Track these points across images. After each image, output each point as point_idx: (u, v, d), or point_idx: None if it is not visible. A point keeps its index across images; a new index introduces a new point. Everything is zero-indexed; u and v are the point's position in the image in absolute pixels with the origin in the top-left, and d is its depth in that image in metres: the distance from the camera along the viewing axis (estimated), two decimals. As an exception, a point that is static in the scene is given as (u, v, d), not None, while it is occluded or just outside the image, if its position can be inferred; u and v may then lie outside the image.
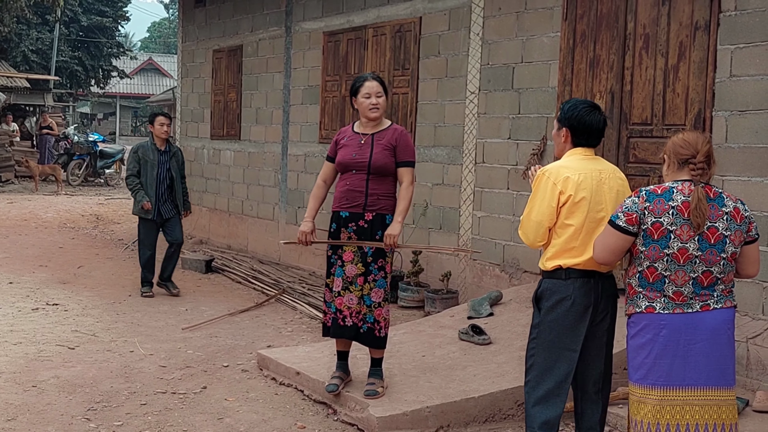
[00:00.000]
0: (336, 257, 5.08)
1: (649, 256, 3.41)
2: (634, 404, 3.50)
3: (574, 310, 3.73)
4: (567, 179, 3.72)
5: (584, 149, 3.87)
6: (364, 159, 5.01)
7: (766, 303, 5.29)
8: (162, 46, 64.44)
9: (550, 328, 3.78)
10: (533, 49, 7.12)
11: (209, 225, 12.46)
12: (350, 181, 5.04)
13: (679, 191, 3.38)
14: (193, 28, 12.99)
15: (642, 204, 3.40)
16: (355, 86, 5.11)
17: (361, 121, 5.16)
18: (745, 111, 5.45)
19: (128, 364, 5.99)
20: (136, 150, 8.43)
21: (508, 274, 7.32)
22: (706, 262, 3.36)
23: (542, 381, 3.80)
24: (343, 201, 5.06)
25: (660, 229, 3.36)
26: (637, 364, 3.47)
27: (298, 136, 10.32)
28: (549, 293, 3.79)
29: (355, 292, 5.02)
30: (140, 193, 8.27)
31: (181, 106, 13.62)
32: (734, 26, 5.52)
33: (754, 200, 5.33)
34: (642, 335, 3.46)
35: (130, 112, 53.93)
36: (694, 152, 3.41)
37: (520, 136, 7.23)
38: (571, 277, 3.72)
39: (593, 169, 3.80)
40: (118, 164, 22.69)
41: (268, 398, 5.33)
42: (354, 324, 5.04)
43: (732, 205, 3.40)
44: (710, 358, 3.39)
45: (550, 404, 3.79)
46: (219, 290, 9.07)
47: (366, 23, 9.10)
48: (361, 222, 5.03)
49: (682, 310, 3.39)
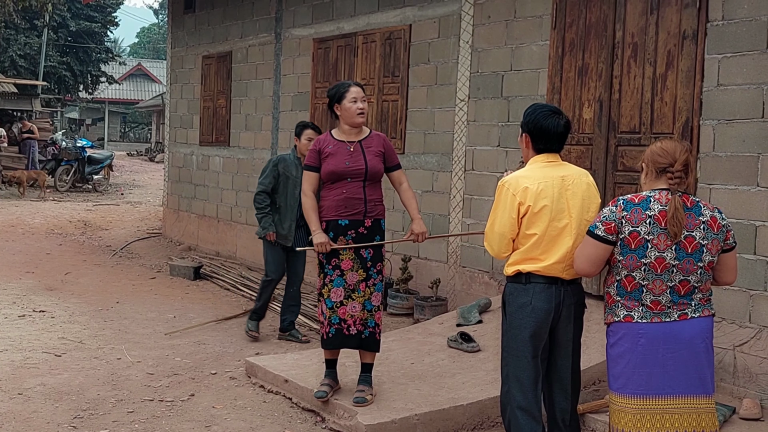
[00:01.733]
0: (332, 267, 5.02)
1: (626, 266, 3.42)
2: (615, 413, 3.50)
3: (534, 316, 3.75)
4: (526, 189, 3.74)
5: (546, 155, 3.86)
6: (359, 166, 5.00)
7: (753, 311, 5.31)
8: (151, 51, 64.33)
9: (514, 335, 3.81)
10: (522, 58, 7.14)
11: (198, 231, 12.42)
12: (347, 189, 4.99)
13: (657, 200, 3.39)
14: (183, 33, 12.98)
15: (620, 213, 3.41)
16: (340, 92, 5.08)
17: (342, 129, 5.12)
18: (733, 120, 5.48)
19: (115, 372, 5.96)
20: (277, 163, 6.95)
21: (497, 282, 7.33)
22: (683, 271, 3.38)
23: (518, 391, 3.82)
24: (341, 209, 5.00)
25: (637, 239, 3.37)
26: (616, 373, 3.48)
27: (288, 143, 10.29)
28: (511, 298, 3.83)
29: (358, 299, 5.01)
30: (267, 219, 6.86)
31: (170, 112, 13.59)
32: (721, 36, 5.55)
33: (742, 209, 5.36)
34: (620, 344, 3.47)
35: (119, 118, 53.79)
36: (671, 161, 3.42)
37: (509, 143, 7.24)
38: (531, 282, 3.74)
39: (554, 176, 3.79)
40: (107, 170, 22.62)
41: (256, 406, 5.31)
42: (358, 332, 5.02)
43: (709, 214, 3.41)
44: (689, 367, 3.40)
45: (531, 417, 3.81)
46: (207, 297, 9.04)
47: (356, 30, 9.11)
48: (361, 229, 5.02)
49: (660, 319, 3.40)
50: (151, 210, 17.43)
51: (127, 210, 17.55)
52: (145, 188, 23.22)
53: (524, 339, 3.78)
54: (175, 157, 13.26)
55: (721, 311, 5.41)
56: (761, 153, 5.29)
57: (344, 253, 4.99)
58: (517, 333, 3.79)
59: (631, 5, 6.19)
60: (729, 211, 5.40)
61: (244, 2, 11.28)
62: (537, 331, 3.76)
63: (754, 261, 5.31)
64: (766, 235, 5.26)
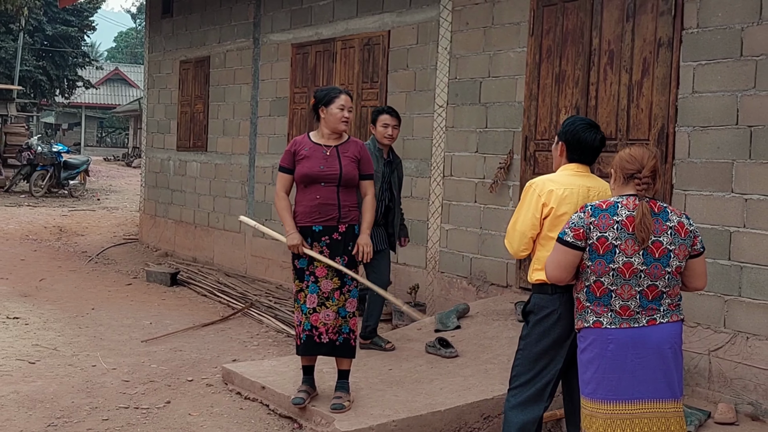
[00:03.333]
0: (308, 273, 5.00)
1: (595, 271, 3.44)
2: (587, 418, 3.53)
3: (560, 324, 3.80)
4: (551, 192, 3.81)
5: (578, 165, 3.94)
6: (334, 171, 4.98)
7: (728, 316, 5.36)
8: (129, 56, 63.98)
9: (537, 340, 3.86)
10: (500, 64, 7.17)
11: (174, 237, 12.35)
12: (321, 194, 4.97)
13: (624, 206, 3.42)
14: (160, 38, 12.92)
15: (587, 219, 3.44)
16: (329, 96, 5.05)
17: (322, 132, 5.11)
18: (707, 126, 5.53)
19: (90, 379, 5.90)
20: None
21: (475, 287, 7.34)
22: (651, 276, 3.40)
23: (524, 390, 3.90)
24: (315, 215, 4.98)
25: (605, 244, 3.39)
26: (587, 378, 3.51)
27: (266, 148, 10.28)
28: (537, 308, 3.86)
29: (332, 308, 4.98)
30: None
31: (147, 116, 13.52)
32: (696, 43, 5.61)
33: (716, 215, 5.41)
34: (590, 350, 3.49)
35: (96, 123, 53.44)
36: (639, 167, 3.45)
37: (488, 149, 7.27)
38: (558, 292, 3.77)
39: (581, 185, 3.86)
40: (83, 175, 22.43)
41: (232, 413, 5.27)
42: (330, 340, 5.00)
43: (676, 220, 3.45)
44: (657, 372, 3.43)
45: (527, 409, 3.89)
46: (184, 303, 8.98)
47: (334, 36, 9.11)
48: (335, 235, 5.00)
49: (629, 324, 3.42)
50: (127, 215, 17.31)
51: (104, 215, 17.41)
52: (121, 193, 23.06)
53: (544, 347, 3.83)
54: (152, 163, 13.19)
55: (696, 316, 5.46)
56: (735, 159, 5.35)
57: (319, 261, 4.98)
58: (540, 338, 3.84)
59: (608, 13, 6.24)
60: (704, 217, 5.45)
61: (222, 7, 11.25)
62: (561, 337, 3.81)
63: (729, 266, 5.35)
64: (740, 240, 5.31)
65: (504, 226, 6.91)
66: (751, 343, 5.22)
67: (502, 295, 7.08)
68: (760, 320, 5.18)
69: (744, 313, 5.27)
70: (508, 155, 7.06)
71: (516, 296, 6.88)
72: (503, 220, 6.99)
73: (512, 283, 7.05)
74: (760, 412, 5.12)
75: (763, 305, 5.17)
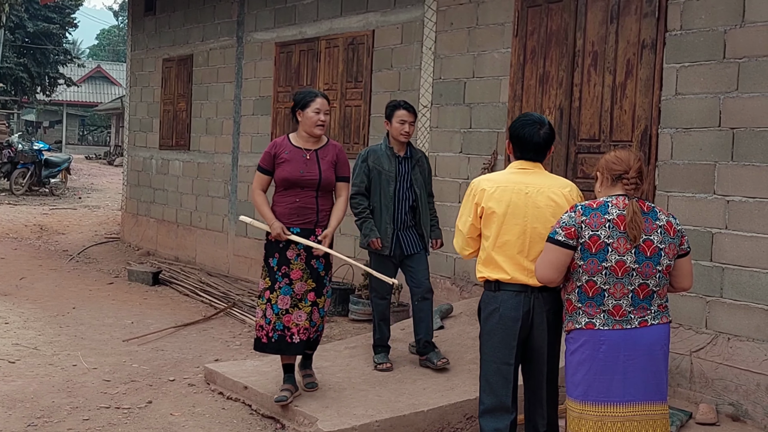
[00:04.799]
0: (282, 275, 5.07)
1: (587, 270, 3.45)
2: (574, 420, 3.52)
3: (502, 323, 3.80)
4: (482, 191, 3.84)
5: (522, 162, 3.92)
6: (313, 176, 5.06)
7: (709, 317, 5.39)
8: (111, 54, 63.60)
9: (485, 340, 3.90)
10: (484, 65, 7.18)
11: (157, 236, 12.28)
12: (300, 198, 5.06)
13: (614, 205, 3.45)
14: (143, 36, 12.84)
15: (579, 218, 3.45)
16: (305, 99, 5.12)
17: (300, 135, 5.18)
18: (690, 128, 5.56)
19: (71, 379, 5.85)
20: (366, 157, 5.87)
21: (458, 287, 7.34)
22: (643, 275, 3.42)
23: (487, 393, 3.91)
24: (293, 217, 5.06)
25: (597, 243, 3.41)
26: (576, 380, 3.50)
27: (249, 147, 10.24)
28: (483, 304, 3.91)
29: (304, 309, 5.07)
30: (368, 223, 5.77)
31: (129, 115, 13.43)
32: (680, 45, 5.64)
33: (698, 216, 5.44)
34: (582, 351, 3.49)
35: (78, 121, 53.04)
36: (626, 168, 3.49)
37: (471, 150, 7.27)
38: (500, 290, 3.80)
39: (518, 182, 3.83)
40: (64, 173, 22.26)
41: (214, 413, 5.25)
42: (301, 340, 5.09)
43: (665, 219, 3.48)
44: (647, 374, 3.45)
45: (496, 416, 3.88)
46: (166, 303, 8.93)
47: (319, 35, 9.09)
48: (312, 238, 5.07)
49: (621, 326, 3.43)
50: (109, 214, 17.20)
51: (85, 214, 17.29)
52: (103, 192, 22.91)
53: (494, 345, 3.85)
54: (134, 161, 13.11)
55: (678, 317, 5.48)
56: (717, 161, 5.38)
57: (295, 263, 5.05)
58: (487, 339, 3.88)
59: (592, 14, 6.26)
60: (686, 219, 5.48)
61: (206, 5, 11.20)
62: (505, 337, 3.80)
63: (711, 268, 5.38)
64: (721, 242, 5.34)
65: (487, 227, 6.94)
66: (732, 344, 5.25)
67: (486, 295, 7.08)
68: (741, 321, 5.21)
69: (725, 314, 5.31)
70: (492, 156, 7.07)
71: (499, 296, 6.87)
72: (487, 221, 6.99)
73: (495, 284, 7.05)
74: (740, 413, 5.15)
75: (744, 306, 5.20)
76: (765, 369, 5.06)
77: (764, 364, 5.06)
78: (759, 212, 5.14)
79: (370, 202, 5.82)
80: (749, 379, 5.13)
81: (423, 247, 5.89)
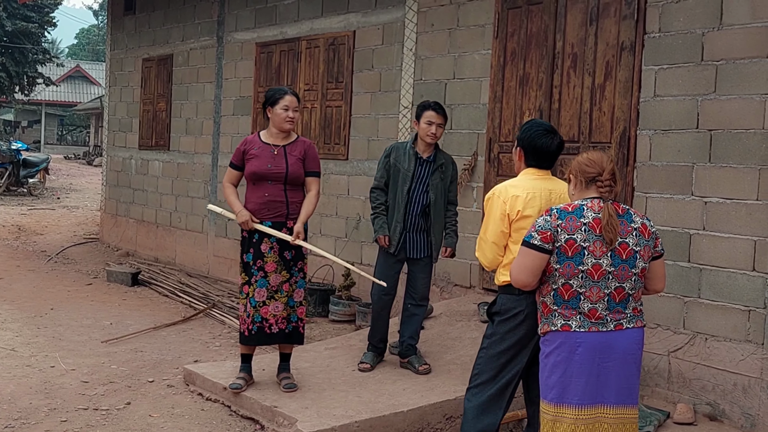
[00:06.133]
0: (257, 268, 5.24)
1: (564, 273, 3.45)
2: (548, 423, 3.52)
3: (526, 324, 3.84)
4: (515, 198, 3.86)
5: (537, 170, 3.99)
6: (280, 170, 5.24)
7: (687, 317, 5.43)
8: (90, 53, 63.14)
9: (502, 339, 3.90)
10: (465, 66, 7.19)
11: (136, 237, 12.21)
12: (269, 192, 5.25)
13: (589, 208, 3.45)
14: (122, 35, 12.76)
15: (554, 221, 3.45)
16: (274, 97, 5.31)
17: (270, 132, 5.38)
18: (669, 130, 5.60)
19: (49, 380, 5.80)
20: (389, 153, 5.78)
21: (439, 288, 7.35)
22: (619, 278, 3.43)
23: (486, 388, 3.94)
24: (264, 211, 5.26)
25: (574, 246, 3.41)
26: (552, 383, 3.50)
27: (229, 148, 10.19)
28: (504, 309, 3.91)
29: (281, 300, 5.28)
30: (380, 219, 5.72)
31: (108, 115, 13.34)
32: (658, 47, 5.68)
33: (677, 217, 5.48)
34: (557, 353, 3.49)
35: (57, 120, 52.61)
36: (600, 170, 3.49)
37: (452, 151, 7.26)
38: (524, 293, 3.79)
39: (543, 188, 3.91)
40: (43, 173, 22.10)
41: (194, 414, 5.22)
42: (280, 330, 5.29)
43: (640, 221, 3.49)
44: (621, 377, 3.46)
45: (488, 412, 3.93)
46: (145, 304, 8.88)
47: (299, 35, 9.07)
48: (283, 230, 5.24)
49: (598, 328, 3.44)
50: (88, 215, 17.07)
51: (64, 214, 17.16)
52: (82, 192, 22.74)
53: (508, 346, 3.88)
54: (113, 161, 13.03)
55: (656, 318, 5.52)
56: (695, 163, 5.42)
57: (269, 256, 5.23)
58: (503, 338, 3.89)
59: (571, 16, 6.29)
60: (664, 220, 5.52)
61: (186, 5, 11.15)
62: (524, 338, 3.85)
63: (689, 268, 5.42)
64: (699, 243, 5.38)
65: (468, 228, 6.96)
66: (709, 344, 5.29)
67: (466, 296, 7.11)
68: (719, 321, 5.26)
69: (703, 314, 5.35)
70: (472, 157, 7.09)
71: (479, 297, 6.90)
72: (467, 222, 7.01)
73: (475, 284, 7.08)
74: (718, 413, 5.19)
75: (722, 307, 5.25)
76: (742, 369, 5.10)
77: (741, 364, 5.11)
78: (736, 213, 5.19)
79: (387, 199, 5.76)
80: (726, 379, 5.18)
81: (429, 254, 5.76)
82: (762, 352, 5.02)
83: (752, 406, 5.04)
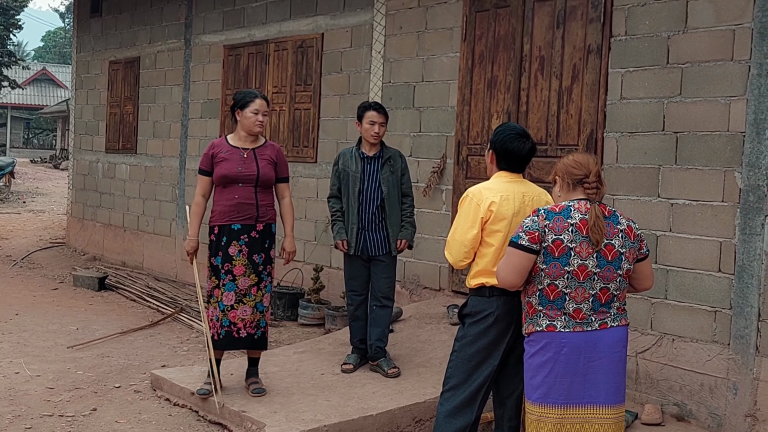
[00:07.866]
0: (225, 272, 5.21)
1: (549, 274, 3.46)
2: (533, 423, 3.52)
3: (496, 326, 3.85)
4: (488, 200, 3.86)
5: (509, 173, 4.01)
6: (251, 172, 5.22)
7: (654, 318, 5.47)
8: (57, 56, 62.43)
9: (473, 341, 3.91)
10: (433, 69, 7.20)
11: (103, 241, 12.07)
12: (239, 194, 5.21)
13: (577, 209, 3.46)
14: (89, 38, 12.63)
15: (542, 222, 3.46)
16: (244, 100, 5.27)
17: (239, 135, 5.34)
18: (635, 132, 5.64)
19: (13, 386, 5.71)
20: (338, 160, 5.92)
21: (408, 291, 7.34)
22: (604, 279, 3.44)
23: (458, 391, 3.93)
24: (233, 214, 5.21)
25: (561, 247, 3.42)
26: (536, 383, 3.50)
27: (197, 150, 10.12)
28: (475, 311, 3.92)
29: (249, 303, 5.23)
30: (337, 225, 5.85)
31: (75, 118, 13.20)
32: (624, 50, 5.72)
33: (644, 219, 5.52)
34: (542, 354, 3.49)
35: (22, 124, 51.91)
36: (586, 172, 3.51)
37: (421, 153, 7.29)
38: (495, 295, 3.82)
39: (516, 191, 3.92)
40: (8, 177, 21.82)
41: (161, 420, 5.17)
42: (248, 334, 5.24)
43: (626, 223, 3.52)
44: (607, 376, 3.47)
45: (461, 414, 3.92)
46: (112, 308, 8.78)
47: (267, 38, 9.03)
48: (253, 233, 5.23)
49: (582, 328, 3.45)
50: (54, 219, 16.87)
51: (29, 218, 16.93)
52: (48, 196, 22.46)
53: (480, 348, 3.88)
54: (80, 165, 12.88)
55: (624, 319, 5.55)
56: (662, 165, 5.47)
57: (237, 259, 5.19)
58: (475, 340, 3.89)
59: (539, 19, 6.32)
60: (632, 221, 5.56)
61: (153, 7, 11.06)
62: (496, 340, 3.86)
63: (656, 270, 5.45)
64: (666, 244, 5.42)
65: (437, 230, 6.97)
66: (676, 345, 5.34)
67: (435, 298, 7.11)
68: (686, 322, 5.30)
69: (670, 315, 5.39)
70: (441, 159, 7.10)
71: (449, 300, 6.91)
72: (437, 224, 7.02)
73: (445, 287, 7.08)
74: (685, 413, 5.24)
75: (689, 308, 5.29)
76: (708, 369, 5.15)
77: (708, 364, 5.16)
78: (702, 215, 5.24)
79: (342, 204, 5.86)
80: (693, 380, 5.22)
81: (389, 250, 5.78)
82: (728, 352, 5.08)
83: (719, 406, 5.09)
